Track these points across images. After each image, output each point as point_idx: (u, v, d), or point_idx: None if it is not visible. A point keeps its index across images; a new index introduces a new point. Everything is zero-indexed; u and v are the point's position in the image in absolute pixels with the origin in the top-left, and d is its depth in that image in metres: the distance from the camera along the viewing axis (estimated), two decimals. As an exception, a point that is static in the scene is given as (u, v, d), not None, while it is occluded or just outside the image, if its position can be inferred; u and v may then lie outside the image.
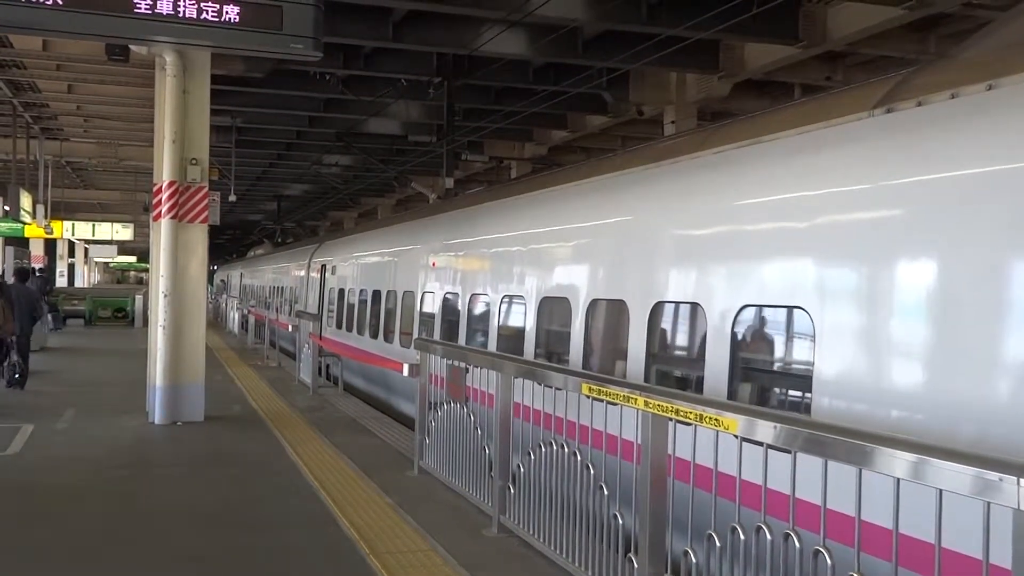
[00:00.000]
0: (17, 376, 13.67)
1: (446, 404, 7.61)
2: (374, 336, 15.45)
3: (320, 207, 41.60)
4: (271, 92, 18.07)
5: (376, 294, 15.66)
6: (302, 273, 24.01)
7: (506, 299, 9.80)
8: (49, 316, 20.23)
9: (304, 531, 6.51)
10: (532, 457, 5.95)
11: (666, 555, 4.55)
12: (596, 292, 7.86)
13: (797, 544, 3.57)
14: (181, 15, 8.66)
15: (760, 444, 3.81)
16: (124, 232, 36.38)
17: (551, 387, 5.87)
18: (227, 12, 8.75)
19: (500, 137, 22.85)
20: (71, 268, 52.72)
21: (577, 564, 5.29)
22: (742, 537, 3.88)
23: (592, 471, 5.21)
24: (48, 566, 5.77)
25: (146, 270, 37.60)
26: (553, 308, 8.67)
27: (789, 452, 3.67)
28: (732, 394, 5.83)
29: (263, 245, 47.45)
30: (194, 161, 10.99)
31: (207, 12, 8.69)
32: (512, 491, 6.24)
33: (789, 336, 5.63)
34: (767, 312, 5.78)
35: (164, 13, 8.62)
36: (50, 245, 43.49)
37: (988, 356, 4.22)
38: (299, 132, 23.37)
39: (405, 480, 8.10)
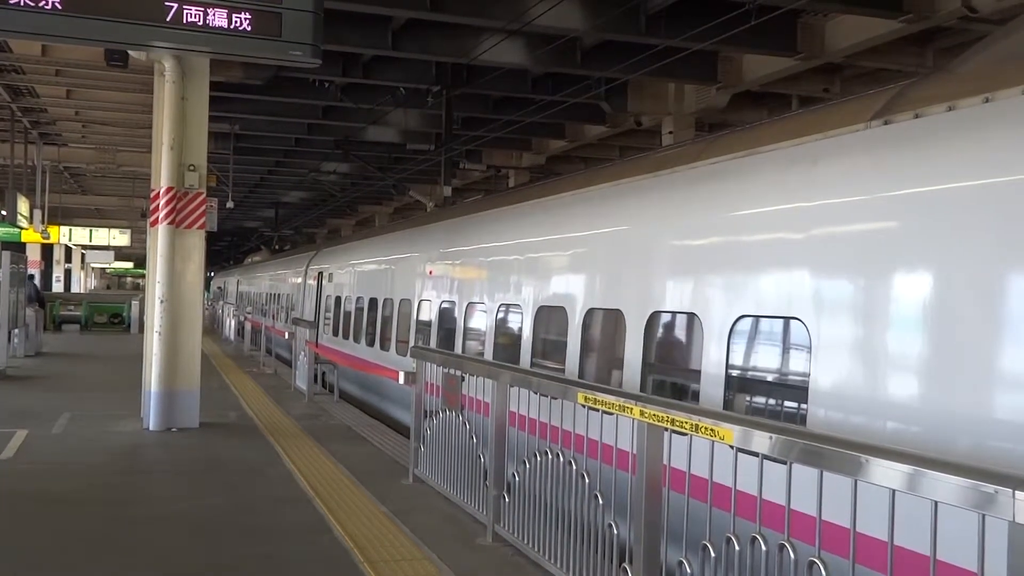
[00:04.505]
0: None
1: (441, 412, 7.60)
2: (370, 344, 15.43)
3: (318, 214, 41.63)
4: (270, 99, 18.08)
5: (373, 302, 15.65)
6: (299, 280, 24.00)
7: (503, 307, 9.80)
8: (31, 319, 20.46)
9: (298, 539, 6.49)
10: (527, 466, 5.94)
11: (661, 565, 4.54)
12: (593, 301, 7.86)
13: (792, 555, 3.56)
14: (181, 21, 8.65)
15: (756, 454, 3.80)
16: (121, 238, 36.33)
17: (547, 396, 5.86)
18: (226, 19, 8.74)
19: (498, 146, 22.91)
20: (68, 273, 52.67)
21: (571, 574, 5.27)
22: (737, 548, 3.87)
23: (588, 480, 5.20)
24: (40, 573, 5.74)
25: (143, 276, 37.54)
26: (550, 317, 8.66)
27: (785, 463, 3.66)
28: (728, 404, 5.83)
29: (260, 252, 47.42)
30: (192, 167, 10.98)
31: (206, 18, 8.69)
32: (507, 500, 6.23)
33: (785, 347, 5.63)
34: (764, 323, 5.77)
35: (164, 19, 8.61)
36: (47, 250, 43.41)
37: (984, 369, 4.22)
38: (297, 139, 23.38)
39: (400, 488, 8.08)
